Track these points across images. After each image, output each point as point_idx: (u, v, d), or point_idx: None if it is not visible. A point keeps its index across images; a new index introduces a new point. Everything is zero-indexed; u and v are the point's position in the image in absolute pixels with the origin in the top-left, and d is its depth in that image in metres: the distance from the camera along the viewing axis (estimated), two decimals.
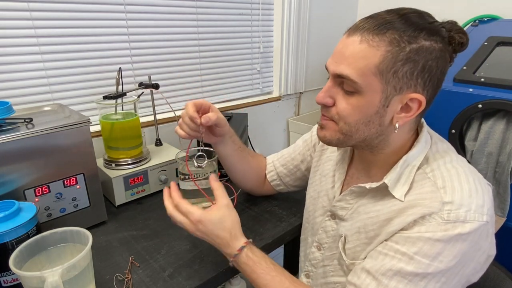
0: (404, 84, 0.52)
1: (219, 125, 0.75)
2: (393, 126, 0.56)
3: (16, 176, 0.69)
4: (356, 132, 0.57)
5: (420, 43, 0.50)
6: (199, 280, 0.67)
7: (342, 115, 0.56)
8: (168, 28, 1.19)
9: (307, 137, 0.86)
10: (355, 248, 0.62)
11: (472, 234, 0.50)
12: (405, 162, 0.58)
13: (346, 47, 0.54)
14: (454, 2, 1.50)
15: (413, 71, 0.51)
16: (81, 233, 0.60)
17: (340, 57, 0.54)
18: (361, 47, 0.52)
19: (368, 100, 0.53)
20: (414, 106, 0.54)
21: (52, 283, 0.49)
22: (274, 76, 1.61)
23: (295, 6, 1.46)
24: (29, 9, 0.91)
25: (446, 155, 0.58)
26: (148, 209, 0.92)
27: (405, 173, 0.58)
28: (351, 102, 0.55)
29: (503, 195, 0.98)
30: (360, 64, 0.52)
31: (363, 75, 0.52)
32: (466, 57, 1.13)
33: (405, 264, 0.51)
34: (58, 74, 1.00)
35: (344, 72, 0.53)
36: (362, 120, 0.55)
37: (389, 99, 0.53)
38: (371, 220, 0.60)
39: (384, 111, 0.54)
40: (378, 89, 0.52)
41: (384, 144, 0.59)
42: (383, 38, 0.50)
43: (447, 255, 0.50)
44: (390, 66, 0.51)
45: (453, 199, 0.51)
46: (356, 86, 0.53)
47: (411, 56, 0.50)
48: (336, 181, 0.70)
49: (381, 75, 0.51)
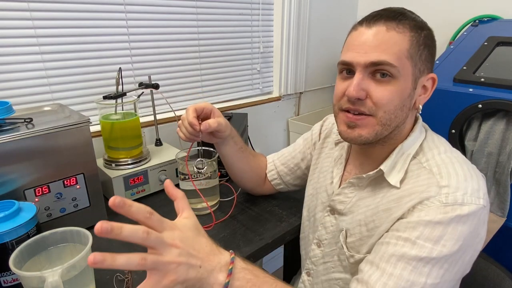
0: (425, 67, 0.57)
1: (219, 130, 0.75)
2: (416, 110, 0.59)
3: (16, 176, 0.69)
4: (394, 119, 0.57)
5: (426, 30, 0.57)
6: None
7: (382, 104, 0.56)
8: (168, 28, 1.19)
9: (307, 136, 0.86)
10: (358, 242, 0.62)
11: (471, 217, 0.50)
12: (400, 150, 0.60)
13: (373, 37, 0.55)
14: (454, 2, 1.50)
15: (429, 54, 0.57)
16: (81, 233, 0.60)
17: (370, 47, 0.55)
18: (390, 34, 0.54)
19: (403, 84, 0.55)
20: (429, 84, 0.59)
21: (52, 283, 0.49)
22: (274, 76, 1.61)
23: (295, 6, 1.46)
24: (29, 9, 0.91)
25: (441, 145, 0.60)
26: None
27: (400, 161, 0.59)
28: (389, 88, 0.55)
29: (503, 195, 0.97)
30: (395, 49, 0.54)
31: (399, 59, 0.54)
32: (466, 57, 1.13)
33: (409, 249, 0.51)
34: (58, 74, 1.00)
35: (381, 58, 0.54)
36: (399, 104, 0.56)
37: (417, 81, 0.57)
38: (371, 212, 0.60)
39: (413, 94, 0.58)
40: (410, 72, 0.56)
41: (399, 133, 0.60)
42: (405, 25, 0.55)
43: (449, 238, 0.50)
44: (417, 50, 0.55)
45: (449, 183, 0.53)
46: (394, 70, 0.54)
47: (426, 41, 0.56)
48: (335, 177, 0.71)
49: (412, 58, 0.55)
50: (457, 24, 1.45)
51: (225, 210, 0.90)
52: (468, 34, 1.28)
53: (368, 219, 0.61)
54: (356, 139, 0.59)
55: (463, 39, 1.26)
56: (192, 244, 0.46)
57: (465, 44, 1.22)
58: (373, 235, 0.59)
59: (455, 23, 1.46)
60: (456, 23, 1.45)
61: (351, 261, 0.62)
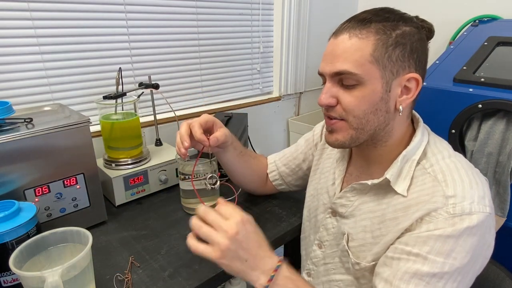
0: (399, 67, 0.55)
1: (225, 141, 0.75)
2: (397, 111, 0.58)
3: (16, 176, 0.69)
4: (366, 123, 0.57)
5: (402, 29, 0.55)
6: (199, 280, 0.67)
7: (349, 109, 0.57)
8: (168, 28, 1.19)
9: (308, 136, 0.86)
10: (360, 248, 0.62)
11: (480, 227, 0.50)
12: (404, 157, 0.59)
13: (336, 46, 0.56)
14: (454, 2, 1.50)
15: (404, 53, 0.55)
16: (81, 233, 0.60)
17: (333, 56, 0.56)
18: (352, 42, 0.55)
19: (370, 88, 0.55)
20: (413, 86, 0.57)
21: (52, 283, 0.49)
22: (274, 76, 1.62)
23: (295, 6, 1.46)
24: (29, 9, 0.91)
25: (444, 150, 0.60)
26: (148, 209, 0.92)
27: (405, 167, 0.59)
28: (355, 94, 0.56)
29: (503, 195, 0.97)
30: (356, 56, 0.54)
31: (361, 65, 0.54)
32: (466, 57, 1.13)
33: (421, 265, 0.51)
34: (58, 74, 1.00)
35: (342, 67, 0.55)
36: (370, 109, 0.56)
37: (389, 83, 0.56)
38: (378, 219, 0.60)
39: (387, 97, 0.56)
40: (378, 76, 0.55)
41: (388, 136, 0.60)
42: (369, 30, 0.54)
43: (460, 251, 0.50)
44: (383, 52, 0.54)
45: (455, 193, 0.52)
46: (357, 77, 0.55)
47: (399, 40, 0.54)
48: (336, 178, 0.71)
49: (377, 61, 0.54)
50: (457, 24, 1.45)
51: None
52: (468, 34, 1.28)
53: (374, 226, 0.60)
54: (334, 143, 0.62)
55: (463, 39, 1.26)
56: (247, 239, 0.53)
57: (465, 44, 1.22)
58: (378, 243, 0.59)
59: (455, 23, 1.46)
60: (456, 23, 1.45)
61: (356, 268, 0.62)
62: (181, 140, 0.69)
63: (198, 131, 0.70)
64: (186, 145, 0.68)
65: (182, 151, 0.69)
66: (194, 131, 0.70)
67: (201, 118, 0.73)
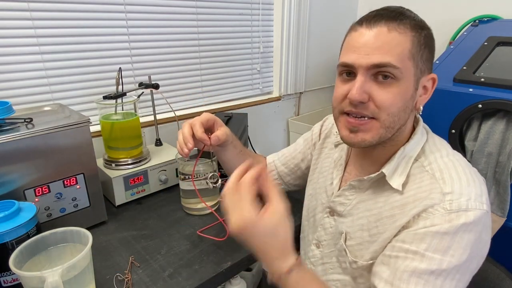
0: (425, 67, 0.56)
1: (226, 140, 0.75)
2: (417, 110, 0.58)
3: (16, 176, 0.69)
4: (398, 121, 0.56)
5: (427, 29, 0.56)
6: (199, 280, 0.67)
7: (385, 106, 0.54)
8: (168, 28, 1.19)
9: (307, 136, 0.86)
10: (358, 246, 0.62)
11: (476, 224, 0.50)
12: (402, 153, 0.59)
13: (374, 38, 0.53)
14: (454, 2, 1.50)
15: (429, 54, 0.56)
16: (81, 233, 0.60)
17: (371, 48, 0.53)
18: (392, 35, 0.53)
19: (406, 85, 0.54)
20: (430, 85, 0.58)
21: (52, 283, 0.49)
22: (274, 76, 1.62)
23: (295, 6, 1.46)
24: (29, 9, 0.91)
25: (442, 148, 0.60)
26: (148, 209, 0.92)
27: (402, 163, 0.59)
28: (392, 90, 0.54)
29: (503, 195, 0.97)
30: (397, 50, 0.53)
31: (402, 60, 0.53)
32: (466, 57, 1.13)
33: (418, 263, 0.51)
34: (58, 74, 1.00)
35: (384, 60, 0.52)
36: (402, 107, 0.55)
37: (418, 82, 0.56)
38: (374, 217, 0.60)
39: (415, 95, 0.56)
40: (412, 73, 0.54)
41: (400, 135, 0.60)
42: (406, 25, 0.53)
43: (457, 248, 0.50)
44: (418, 50, 0.54)
45: (452, 189, 0.52)
46: (397, 72, 0.53)
47: (427, 41, 0.55)
48: (335, 178, 0.71)
49: (413, 59, 0.54)
50: (457, 24, 1.45)
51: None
52: (468, 34, 1.28)
53: (371, 224, 0.60)
54: (360, 144, 0.58)
55: (463, 39, 1.26)
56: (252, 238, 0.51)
57: (465, 44, 1.22)
58: (375, 241, 0.59)
59: (455, 23, 1.46)
60: (456, 23, 1.45)
61: (353, 267, 0.62)
62: (185, 141, 0.69)
63: (199, 130, 0.70)
64: (190, 146, 0.68)
65: (185, 151, 0.68)
66: (195, 130, 0.70)
67: (202, 117, 0.72)
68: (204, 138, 0.70)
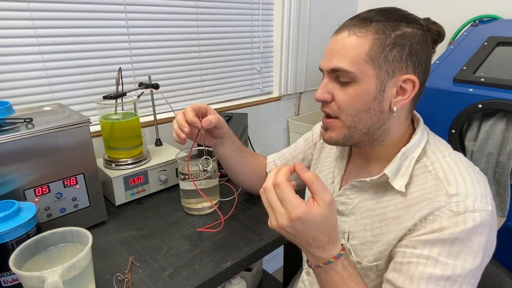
0: (395, 68, 0.55)
1: (218, 127, 0.76)
2: (392, 112, 0.58)
3: (16, 176, 0.69)
4: (359, 121, 0.58)
5: (403, 30, 0.55)
6: (199, 280, 0.67)
7: (343, 106, 0.58)
8: (168, 28, 1.19)
9: (308, 136, 0.87)
10: (361, 246, 0.62)
11: (484, 225, 0.50)
12: (404, 154, 0.59)
13: (336, 44, 0.57)
14: (454, 2, 1.50)
15: (401, 54, 0.55)
16: (81, 233, 0.60)
17: (332, 53, 0.57)
18: (350, 40, 0.55)
19: (364, 87, 0.56)
20: (409, 87, 0.57)
21: (52, 283, 0.49)
22: (274, 76, 1.61)
23: (295, 6, 1.46)
24: (29, 9, 0.91)
25: (444, 149, 0.60)
26: (148, 209, 0.92)
27: (404, 164, 0.59)
28: (349, 92, 0.57)
29: (503, 195, 0.97)
30: (352, 54, 0.55)
31: (356, 63, 0.55)
32: (466, 57, 1.13)
33: (433, 268, 0.51)
34: (58, 74, 1.00)
35: (338, 65, 0.56)
36: (362, 107, 0.57)
37: (384, 83, 0.56)
38: (378, 218, 0.60)
39: (381, 96, 0.56)
40: (372, 75, 0.55)
41: (385, 135, 0.60)
42: (369, 29, 0.55)
43: (469, 252, 0.50)
44: (379, 52, 0.54)
45: (458, 191, 0.52)
46: (351, 75, 0.55)
47: (397, 41, 0.54)
48: (336, 177, 0.71)
49: (373, 61, 0.54)
50: (457, 24, 1.45)
51: (225, 210, 0.90)
52: (468, 34, 1.28)
53: (375, 224, 0.60)
54: (328, 141, 0.62)
55: (463, 39, 1.26)
56: (297, 233, 0.51)
57: (465, 44, 1.22)
58: (378, 241, 0.59)
59: (455, 23, 1.46)
60: (456, 23, 1.45)
61: (357, 267, 0.62)
62: (180, 127, 0.71)
63: (191, 113, 0.72)
64: (186, 130, 0.70)
65: (182, 136, 0.71)
66: (186, 115, 0.72)
67: (194, 104, 0.74)
68: (195, 120, 0.71)
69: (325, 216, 0.50)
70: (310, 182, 0.51)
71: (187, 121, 0.71)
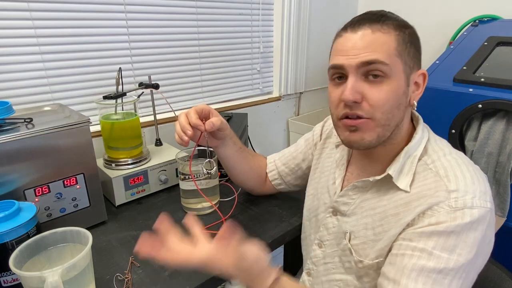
0: (414, 63, 0.58)
1: (221, 129, 0.75)
2: (410, 106, 0.60)
3: (16, 176, 0.69)
4: (392, 118, 0.57)
5: (409, 28, 0.58)
6: (199, 280, 0.67)
7: (378, 105, 0.55)
8: (168, 28, 1.19)
9: (308, 136, 0.86)
10: (362, 245, 0.62)
11: (481, 222, 0.51)
12: (406, 153, 0.59)
13: (360, 40, 0.55)
14: (454, 2, 1.50)
15: (415, 51, 0.58)
16: (81, 233, 0.60)
17: (359, 49, 0.55)
18: (376, 35, 0.55)
19: (397, 82, 0.56)
20: (421, 81, 0.60)
21: (52, 283, 0.49)
22: (274, 76, 1.61)
23: (295, 6, 1.46)
24: (29, 9, 0.91)
25: (445, 147, 0.60)
26: (148, 209, 0.92)
27: (407, 163, 0.59)
28: (383, 88, 0.55)
29: (503, 195, 0.98)
30: (384, 48, 0.54)
31: (389, 57, 0.54)
32: (466, 57, 1.13)
33: (426, 261, 0.51)
34: (58, 74, 1.00)
35: (372, 57, 0.54)
36: (395, 104, 0.56)
37: (409, 78, 0.57)
38: (379, 216, 0.60)
39: (407, 91, 0.58)
40: (401, 70, 0.56)
41: (398, 132, 0.60)
42: (388, 25, 0.55)
43: (464, 246, 0.50)
44: (404, 47, 0.56)
45: (458, 187, 0.53)
46: (386, 69, 0.54)
47: (411, 39, 0.57)
48: (337, 178, 0.71)
49: (400, 56, 0.55)
50: (457, 24, 1.45)
51: (225, 210, 0.90)
52: (468, 34, 1.28)
53: (375, 223, 0.61)
54: (359, 142, 0.58)
55: (463, 39, 1.26)
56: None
57: (465, 44, 1.22)
58: (380, 239, 0.59)
59: (455, 23, 1.46)
60: (456, 23, 1.45)
61: (359, 266, 0.62)
62: (183, 130, 0.70)
63: (194, 116, 0.70)
64: (189, 133, 0.69)
65: (185, 139, 0.69)
66: (189, 117, 0.71)
67: (197, 106, 0.73)
68: (199, 123, 0.70)
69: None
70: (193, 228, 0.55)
71: (190, 124, 0.70)
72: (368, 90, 0.55)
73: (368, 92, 0.55)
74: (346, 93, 0.55)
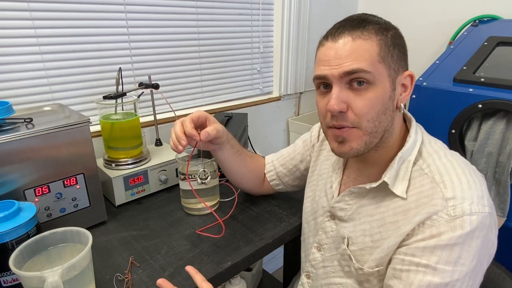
0: (399, 66, 0.57)
1: (218, 137, 0.75)
2: (398, 110, 0.59)
3: (16, 176, 0.69)
4: (379, 125, 0.57)
5: (392, 30, 0.57)
6: None
7: (363, 113, 0.55)
8: (168, 28, 1.19)
9: (306, 137, 0.86)
10: (360, 252, 0.62)
11: (481, 228, 0.51)
12: (401, 158, 0.59)
13: (342, 49, 0.55)
14: (454, 2, 1.50)
15: (400, 53, 0.57)
16: (81, 233, 0.60)
17: (340, 59, 0.54)
18: (357, 43, 0.54)
19: (382, 87, 0.55)
20: (408, 82, 0.59)
21: (52, 283, 0.49)
22: (274, 76, 1.61)
23: (295, 6, 1.46)
24: (29, 9, 0.91)
25: (440, 149, 0.60)
26: (148, 209, 0.92)
27: (402, 168, 0.59)
28: (368, 96, 0.55)
29: (503, 195, 0.98)
30: (366, 56, 0.54)
31: (372, 64, 0.54)
32: (466, 57, 1.13)
33: (431, 276, 0.51)
34: (58, 74, 1.00)
35: (354, 66, 0.53)
36: (381, 110, 0.56)
37: (394, 82, 0.57)
38: (377, 223, 0.60)
39: (394, 95, 0.57)
40: (386, 74, 0.55)
41: (390, 136, 0.60)
42: (369, 31, 0.55)
43: (467, 256, 0.50)
44: (387, 51, 0.55)
45: (454, 194, 0.52)
46: (370, 76, 0.54)
47: (394, 40, 0.56)
48: (334, 181, 0.71)
49: (384, 61, 0.55)
50: (457, 24, 1.45)
51: (225, 210, 0.90)
52: (468, 34, 1.28)
53: (374, 230, 0.60)
54: (348, 153, 0.58)
55: (463, 39, 1.26)
56: None
57: (465, 44, 1.22)
58: (378, 247, 0.59)
59: (455, 23, 1.46)
60: (456, 23, 1.45)
61: (359, 273, 0.62)
62: (178, 139, 0.69)
63: (189, 125, 0.70)
64: (184, 143, 0.68)
65: (179, 148, 0.69)
66: (185, 126, 0.70)
67: (193, 114, 0.73)
68: (194, 133, 0.69)
69: None
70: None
71: (185, 133, 0.69)
72: (353, 99, 0.55)
73: (353, 101, 0.55)
74: (331, 103, 0.55)
